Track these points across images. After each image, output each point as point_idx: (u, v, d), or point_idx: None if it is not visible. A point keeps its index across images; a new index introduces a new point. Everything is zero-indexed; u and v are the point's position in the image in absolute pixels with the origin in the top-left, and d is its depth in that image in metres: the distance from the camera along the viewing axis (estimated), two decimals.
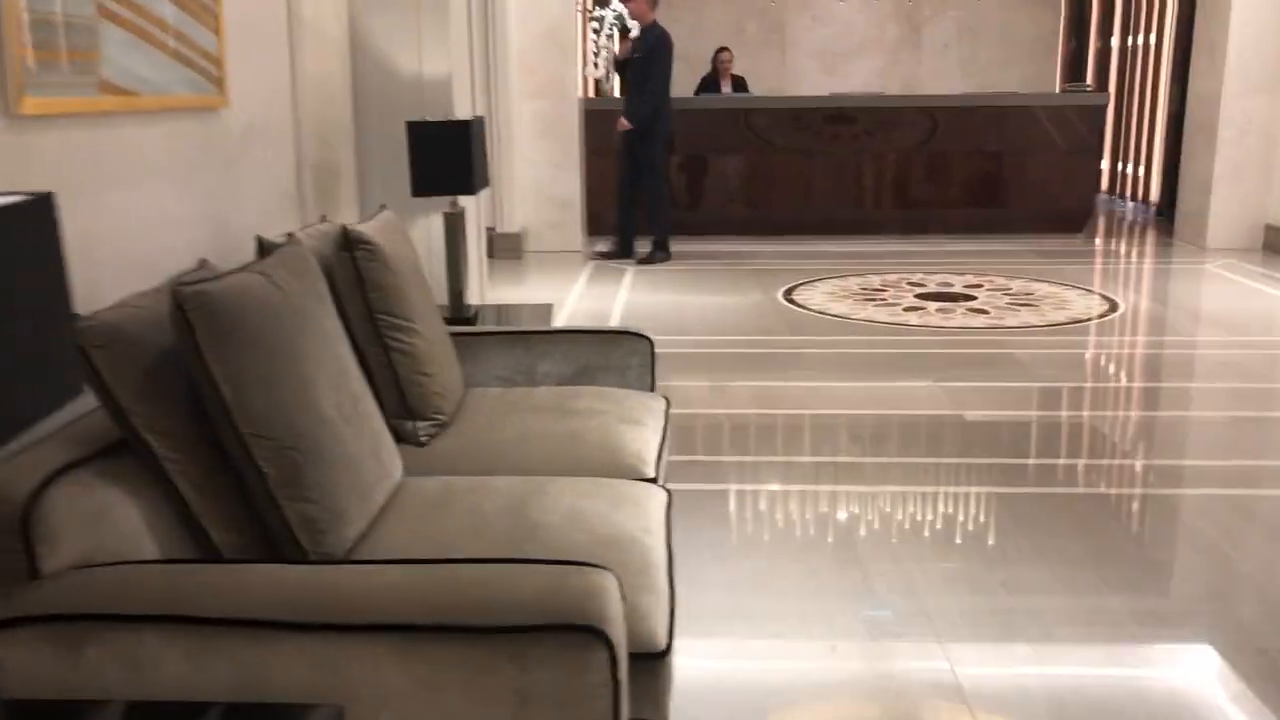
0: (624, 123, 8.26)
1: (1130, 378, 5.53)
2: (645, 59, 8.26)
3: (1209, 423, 4.66)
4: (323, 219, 2.93)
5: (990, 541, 3.38)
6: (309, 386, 2.04)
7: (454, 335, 3.12)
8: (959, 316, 6.47)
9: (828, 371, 5.37)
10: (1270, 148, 8.74)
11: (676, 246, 8.75)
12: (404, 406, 2.70)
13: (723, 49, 10.62)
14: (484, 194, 5.21)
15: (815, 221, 9.74)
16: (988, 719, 2.44)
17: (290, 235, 2.56)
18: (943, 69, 12.08)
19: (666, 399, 3.06)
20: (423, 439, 2.70)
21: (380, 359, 2.68)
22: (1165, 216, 10.61)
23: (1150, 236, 9.94)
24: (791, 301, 6.94)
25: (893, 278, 7.68)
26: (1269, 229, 8.80)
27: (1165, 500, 3.76)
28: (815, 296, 7.07)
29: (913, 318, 6.45)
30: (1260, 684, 2.56)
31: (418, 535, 2.15)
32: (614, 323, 6.29)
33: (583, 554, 2.02)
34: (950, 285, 7.41)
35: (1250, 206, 8.87)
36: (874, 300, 6.94)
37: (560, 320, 6.23)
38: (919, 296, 7.04)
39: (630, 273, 8.00)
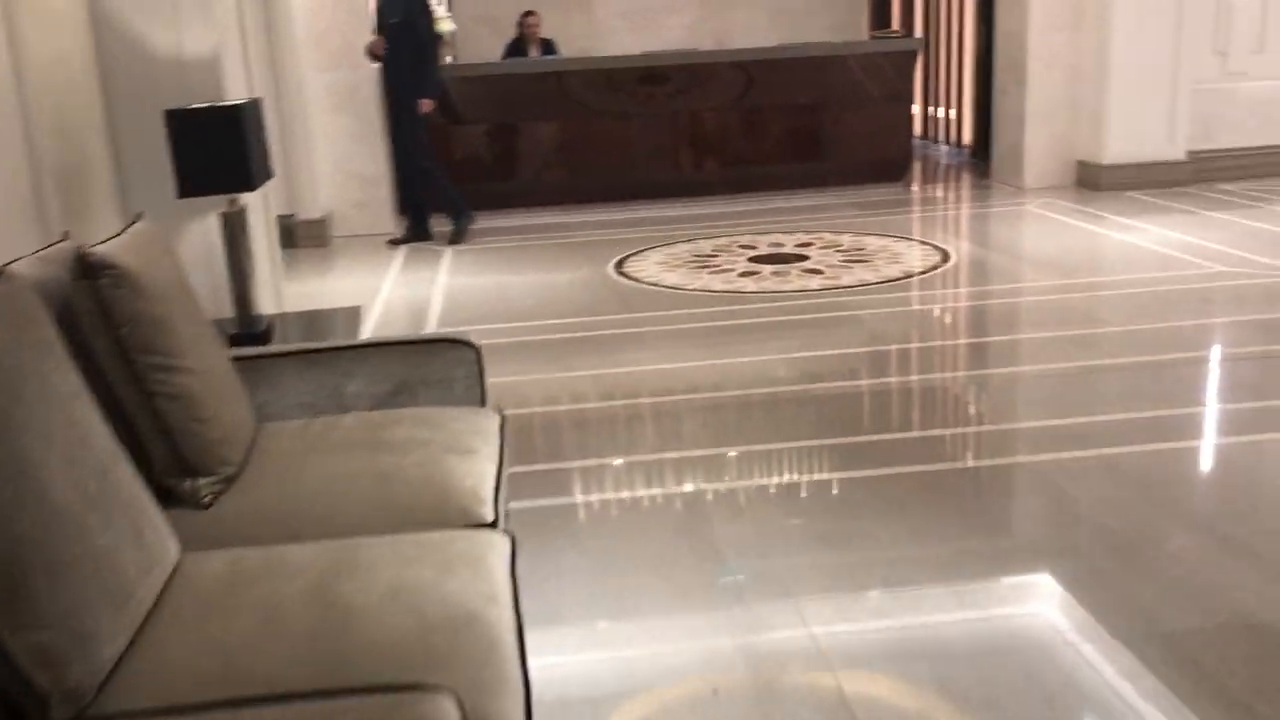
0: (427, 104, 7.63)
1: (975, 331, 5.41)
2: (416, 23, 7.54)
3: (1055, 375, 4.54)
4: (65, 236, 2.39)
5: (856, 526, 3.11)
6: (32, 470, 1.55)
7: (240, 360, 2.64)
8: (795, 279, 6.24)
9: (670, 350, 5.04)
10: (1076, 83, 8.85)
11: (496, 221, 8.29)
12: (179, 462, 2.21)
13: (529, 12, 10.11)
14: (278, 181, 4.64)
15: (638, 185, 9.41)
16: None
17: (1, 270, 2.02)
18: (753, 22, 11.88)
19: (502, 413, 2.66)
20: (205, 499, 2.22)
21: (143, 408, 2.17)
22: (979, 158, 10.71)
23: (968, 179, 10.00)
24: (623, 274, 6.59)
25: (723, 241, 7.42)
26: (1080, 165, 8.94)
27: (1030, 465, 3.59)
28: (647, 267, 6.74)
29: (749, 283, 6.19)
30: (1099, 611, 2.57)
31: (198, 644, 1.69)
32: (434, 314, 5.81)
33: (410, 648, 1.61)
34: (782, 245, 7.20)
35: (1061, 142, 8.97)
36: (708, 267, 6.66)
37: (374, 318, 5.71)
38: (752, 260, 6.80)
39: (449, 253, 7.49)
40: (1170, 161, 8.72)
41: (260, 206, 4.28)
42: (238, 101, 3.54)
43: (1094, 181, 8.74)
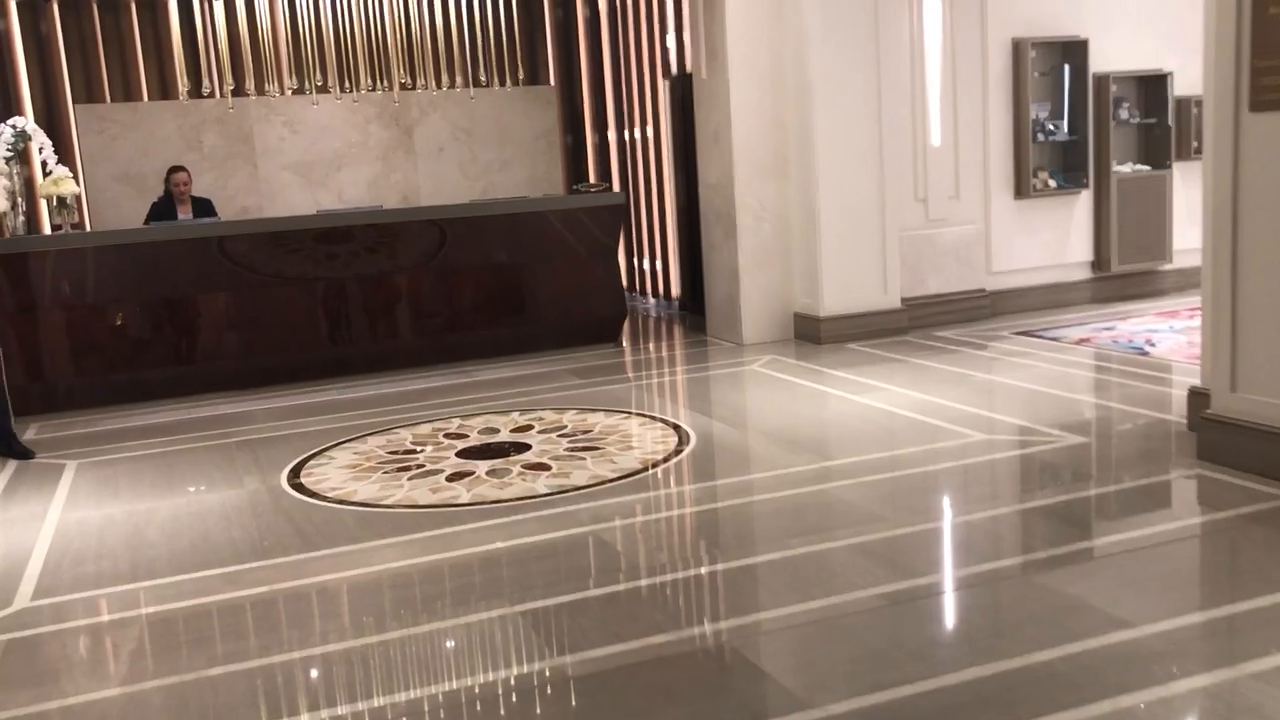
0: None
1: (747, 545, 4.48)
2: None
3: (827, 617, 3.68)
4: None
5: None
6: None
7: None
8: (517, 479, 5.18)
9: (363, 625, 3.74)
10: (786, 233, 8.48)
11: (142, 418, 6.79)
12: None
13: (177, 168, 8.76)
14: None
15: (321, 363, 8.14)
16: None
17: None
18: (442, 173, 10.99)
19: None
20: None
21: None
22: (690, 310, 10.22)
23: (683, 336, 9.40)
24: (300, 488, 5.28)
25: (425, 429, 6.28)
26: (798, 317, 8.51)
27: None
28: (331, 474, 5.48)
29: (461, 490, 5.06)
30: None
31: None
32: (30, 578, 4.25)
33: None
34: (496, 431, 6.15)
35: (777, 295, 8.54)
36: (408, 469, 5.48)
37: None
38: (462, 455, 5.69)
39: (71, 469, 5.91)
40: (886, 310, 8.45)
41: None
42: None
43: (813, 334, 8.31)
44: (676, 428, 6.01)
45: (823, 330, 8.25)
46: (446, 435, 6.13)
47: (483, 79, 10.41)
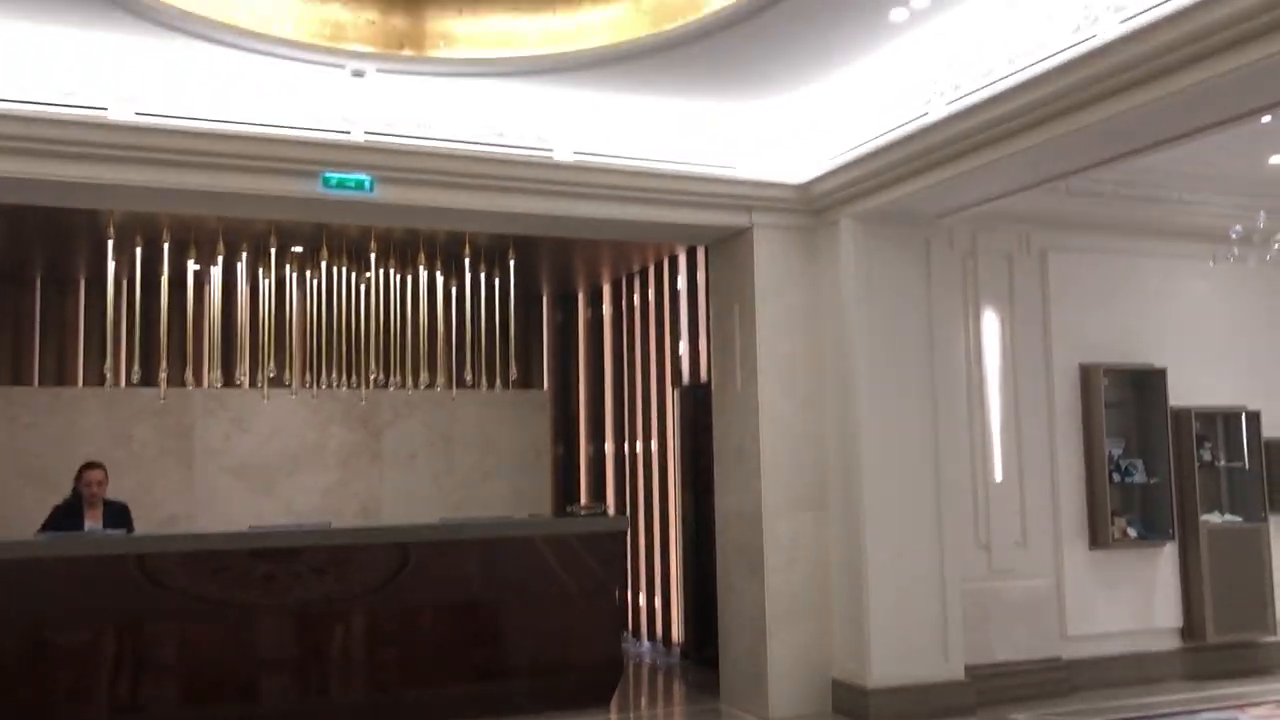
0: None
1: None
2: None
3: None
4: None
5: None
6: None
7: None
8: None
9: None
10: (823, 576, 6.96)
11: None
12: None
13: (91, 465, 7.26)
14: None
15: (250, 716, 6.35)
16: None
17: None
18: (412, 484, 9.52)
19: None
20: None
21: None
22: (694, 661, 8.51)
23: (687, 700, 7.65)
24: None
25: None
26: (837, 685, 6.83)
27: None
28: None
29: None
30: None
31: None
32: None
33: None
34: None
35: (811, 656, 6.90)
36: None
37: None
38: None
39: None
40: (948, 682, 6.79)
41: None
42: None
43: (859, 710, 6.61)
44: None
45: (872, 707, 6.55)
46: None
47: (468, 379, 9.18)
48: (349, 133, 6.18)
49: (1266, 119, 5.40)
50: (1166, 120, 5.14)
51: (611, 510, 9.65)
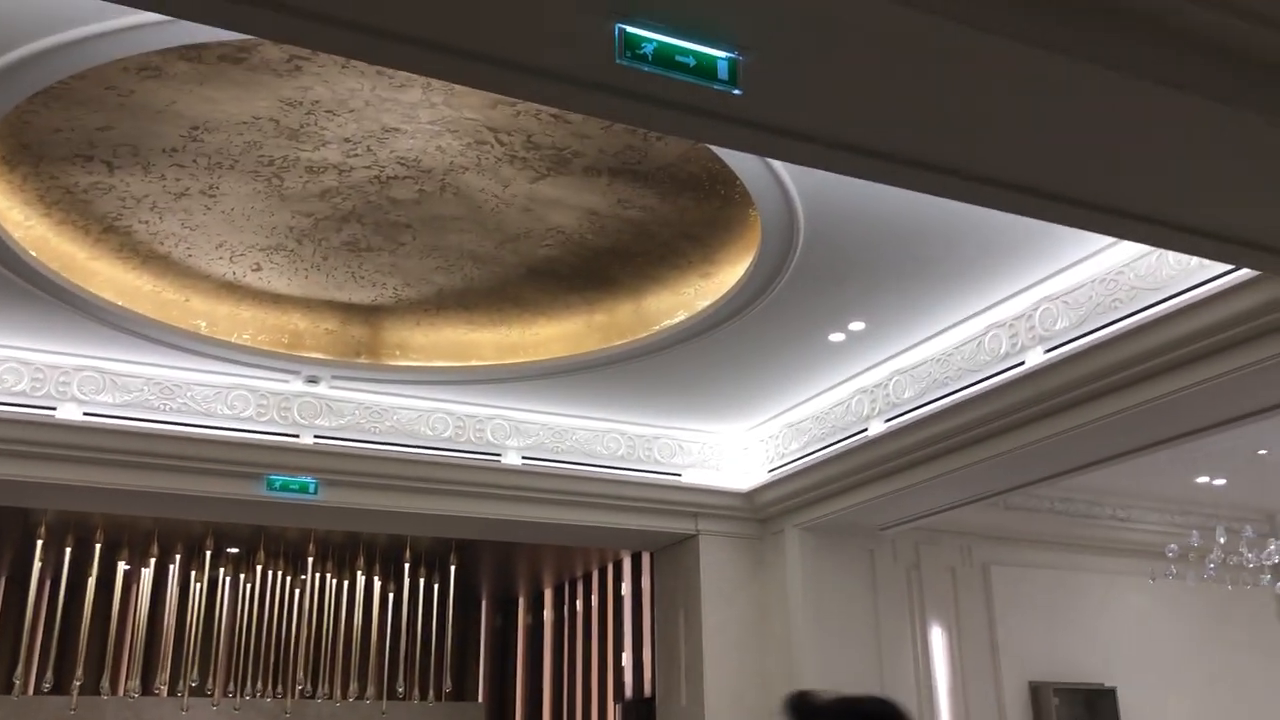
0: None
1: None
2: None
3: None
4: None
5: None
6: None
7: None
8: None
9: None
10: None
11: None
12: None
13: None
14: None
15: None
16: None
17: None
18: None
19: None
20: None
21: None
22: None
23: None
24: None
25: None
26: None
27: None
28: None
29: None
30: None
31: None
32: None
33: None
34: None
35: None
36: None
37: None
38: None
39: None
40: None
41: None
42: None
43: None
44: None
45: None
46: None
47: (399, 690, 8.75)
48: (298, 436, 6.20)
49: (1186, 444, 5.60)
50: (1093, 443, 5.33)
51: None
